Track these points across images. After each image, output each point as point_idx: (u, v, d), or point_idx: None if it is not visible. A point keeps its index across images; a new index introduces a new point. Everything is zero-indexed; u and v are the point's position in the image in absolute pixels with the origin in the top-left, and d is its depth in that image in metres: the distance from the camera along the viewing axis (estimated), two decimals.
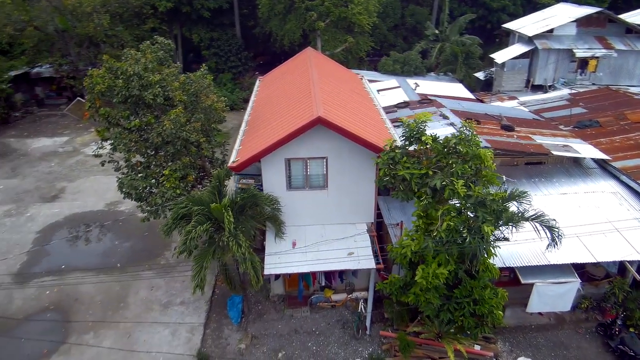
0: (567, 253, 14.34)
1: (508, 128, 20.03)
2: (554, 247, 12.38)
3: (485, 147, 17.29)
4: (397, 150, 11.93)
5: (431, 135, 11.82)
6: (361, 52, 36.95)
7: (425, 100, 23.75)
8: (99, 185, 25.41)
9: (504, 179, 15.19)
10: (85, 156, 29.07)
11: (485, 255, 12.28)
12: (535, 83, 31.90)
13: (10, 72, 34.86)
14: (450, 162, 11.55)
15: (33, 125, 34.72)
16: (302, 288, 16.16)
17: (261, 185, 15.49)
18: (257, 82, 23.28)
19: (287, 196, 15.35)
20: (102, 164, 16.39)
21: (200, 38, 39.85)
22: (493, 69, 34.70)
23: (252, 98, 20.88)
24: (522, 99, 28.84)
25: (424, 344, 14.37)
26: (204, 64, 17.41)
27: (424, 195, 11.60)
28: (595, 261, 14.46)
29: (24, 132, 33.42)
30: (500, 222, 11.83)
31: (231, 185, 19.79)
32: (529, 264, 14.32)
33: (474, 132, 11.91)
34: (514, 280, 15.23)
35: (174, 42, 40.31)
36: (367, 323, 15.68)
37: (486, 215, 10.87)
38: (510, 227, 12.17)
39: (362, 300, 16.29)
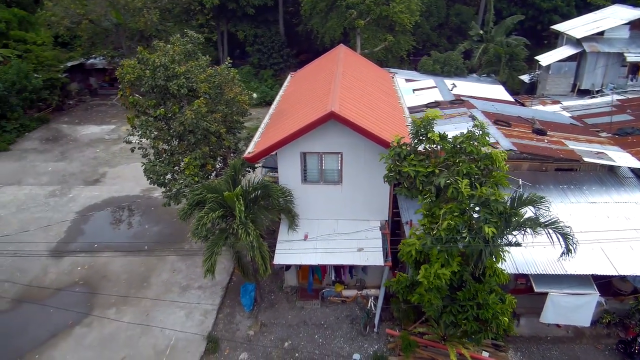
0: (587, 263, 13.73)
1: (540, 132, 19.30)
2: (568, 256, 11.91)
3: (510, 149, 16.92)
4: (403, 147, 11.86)
5: (439, 133, 11.66)
6: (402, 51, 36.48)
7: (457, 101, 23.25)
8: (137, 171, 26.39)
9: (520, 183, 14.68)
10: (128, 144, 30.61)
11: (493, 259, 12.00)
12: (582, 88, 30.32)
13: (67, 63, 37.25)
14: (457, 161, 11.36)
15: (85, 113, 36.90)
16: (312, 281, 16.35)
17: None
18: (288, 78, 23.68)
19: (302, 189, 15.61)
20: (132, 150, 17.37)
21: (245, 35, 40.84)
22: (538, 72, 33.34)
23: (280, 93, 21.30)
24: (566, 103, 27.60)
25: (427, 345, 14.18)
26: (228, 58, 17.92)
27: (427, 193, 11.49)
28: (616, 274, 13.72)
29: (76, 119, 35.58)
30: (510, 227, 11.54)
31: (256, 177, 20.25)
32: (544, 272, 13.81)
33: (486, 132, 11.62)
34: (530, 288, 14.69)
35: (221, 38, 41.70)
36: (376, 320, 15.65)
37: (488, 216, 10.61)
38: (523, 232, 11.82)
39: (372, 297, 16.30)
